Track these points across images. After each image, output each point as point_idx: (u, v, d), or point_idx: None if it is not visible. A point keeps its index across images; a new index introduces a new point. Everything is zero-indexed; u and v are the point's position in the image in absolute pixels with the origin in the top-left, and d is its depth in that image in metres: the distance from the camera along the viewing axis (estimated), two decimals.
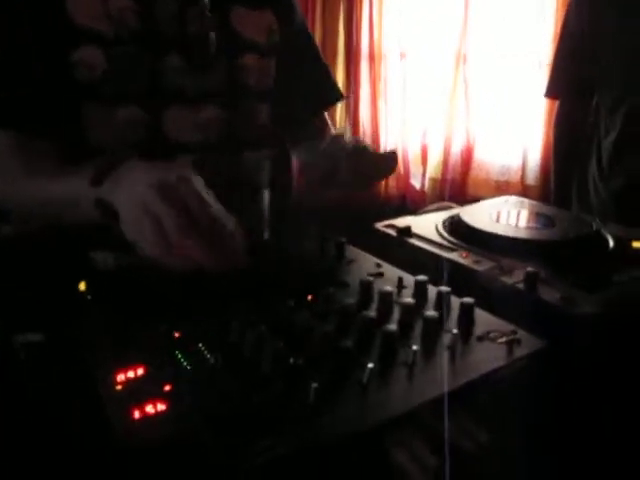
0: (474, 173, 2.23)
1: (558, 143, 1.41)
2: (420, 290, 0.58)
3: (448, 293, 0.55)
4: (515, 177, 2.18)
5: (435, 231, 0.78)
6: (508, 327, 0.52)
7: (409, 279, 0.60)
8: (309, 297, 0.58)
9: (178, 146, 0.76)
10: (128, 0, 0.71)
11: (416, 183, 2.28)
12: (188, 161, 0.77)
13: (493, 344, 0.50)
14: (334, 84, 0.98)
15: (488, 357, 0.48)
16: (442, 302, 0.55)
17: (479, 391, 0.45)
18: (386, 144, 2.26)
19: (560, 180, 1.42)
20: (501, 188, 2.21)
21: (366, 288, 0.57)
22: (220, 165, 0.80)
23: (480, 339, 0.50)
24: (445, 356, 0.48)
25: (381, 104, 2.21)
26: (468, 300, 0.54)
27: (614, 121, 1.17)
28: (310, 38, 0.96)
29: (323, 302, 0.55)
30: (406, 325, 0.51)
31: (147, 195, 0.49)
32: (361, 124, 2.26)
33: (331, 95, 0.96)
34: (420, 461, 0.38)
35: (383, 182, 2.30)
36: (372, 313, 0.51)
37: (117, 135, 0.72)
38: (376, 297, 0.56)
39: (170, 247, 0.48)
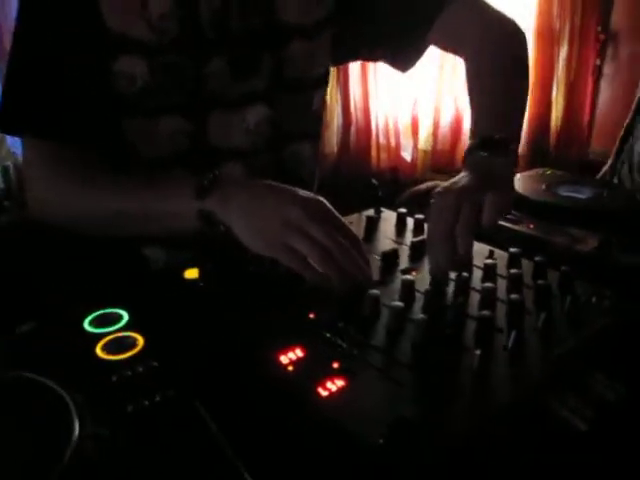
0: (463, 144, 2.29)
1: None
2: (515, 261, 0.62)
3: (545, 263, 0.60)
4: None
5: None
6: (604, 291, 0.57)
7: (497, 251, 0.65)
8: (413, 272, 0.61)
9: (225, 152, 0.73)
10: (169, 4, 0.65)
11: (407, 155, 2.32)
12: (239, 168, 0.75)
13: (599, 306, 0.55)
14: None
15: (600, 316, 0.53)
16: (540, 272, 0.60)
17: (601, 347, 0.50)
18: (377, 116, 2.28)
19: None
20: None
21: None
22: (265, 163, 0.77)
23: (587, 302, 0.55)
24: (564, 320, 0.53)
25: (370, 75, 2.21)
26: (566, 268, 0.59)
27: None
28: None
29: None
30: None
31: (288, 231, 0.54)
32: (352, 96, 2.26)
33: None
34: (579, 413, 0.43)
35: (374, 155, 2.33)
36: (489, 283, 0.55)
37: (160, 145, 0.70)
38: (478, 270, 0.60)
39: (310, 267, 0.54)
